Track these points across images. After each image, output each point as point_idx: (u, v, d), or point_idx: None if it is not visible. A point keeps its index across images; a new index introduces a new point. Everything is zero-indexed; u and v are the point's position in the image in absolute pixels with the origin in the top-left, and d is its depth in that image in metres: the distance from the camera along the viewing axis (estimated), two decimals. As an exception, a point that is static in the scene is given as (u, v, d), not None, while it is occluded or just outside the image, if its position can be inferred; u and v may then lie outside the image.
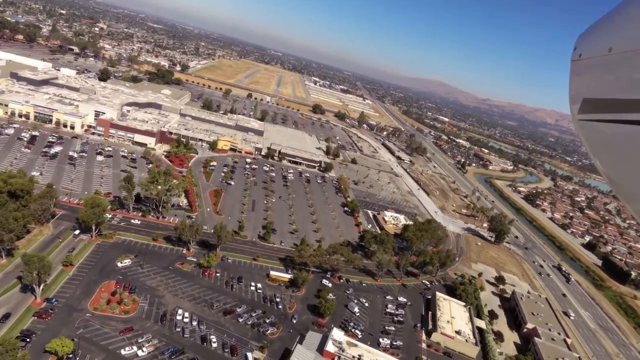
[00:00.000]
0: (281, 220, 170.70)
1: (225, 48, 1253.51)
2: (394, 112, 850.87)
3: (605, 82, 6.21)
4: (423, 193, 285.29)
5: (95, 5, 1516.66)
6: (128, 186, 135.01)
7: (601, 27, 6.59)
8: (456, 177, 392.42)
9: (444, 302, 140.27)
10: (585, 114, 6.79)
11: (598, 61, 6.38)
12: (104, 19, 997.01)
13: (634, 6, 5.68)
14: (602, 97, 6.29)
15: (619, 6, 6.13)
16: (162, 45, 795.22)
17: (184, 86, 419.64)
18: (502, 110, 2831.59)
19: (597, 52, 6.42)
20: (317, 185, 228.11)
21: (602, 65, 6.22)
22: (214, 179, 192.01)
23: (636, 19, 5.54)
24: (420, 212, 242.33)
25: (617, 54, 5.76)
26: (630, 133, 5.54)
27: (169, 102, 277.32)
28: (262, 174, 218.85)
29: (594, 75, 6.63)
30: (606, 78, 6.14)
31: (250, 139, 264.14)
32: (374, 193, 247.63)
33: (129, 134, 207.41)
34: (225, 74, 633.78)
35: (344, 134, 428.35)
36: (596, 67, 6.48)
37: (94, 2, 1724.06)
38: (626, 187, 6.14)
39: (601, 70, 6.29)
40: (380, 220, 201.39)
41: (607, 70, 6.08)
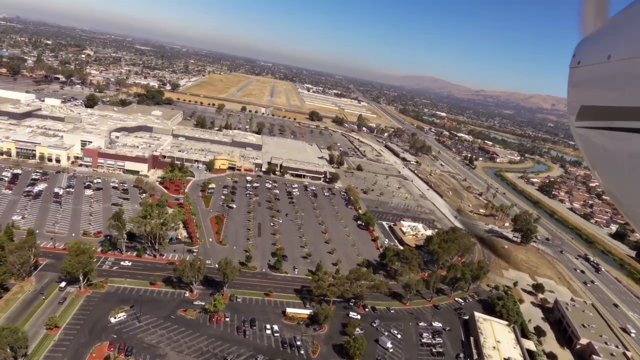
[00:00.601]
0: (291, 243, 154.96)
1: (214, 63, 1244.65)
2: (391, 112, 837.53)
3: (603, 90, 6.11)
4: (436, 195, 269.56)
5: (81, 33, 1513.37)
6: (118, 224, 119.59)
7: (600, 35, 6.50)
8: (466, 174, 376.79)
9: (485, 324, 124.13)
10: (583, 121, 6.64)
11: (597, 69, 6.28)
12: (90, 46, 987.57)
13: (632, 15, 5.61)
14: (600, 105, 6.14)
15: (618, 14, 6.00)
16: (151, 66, 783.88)
17: (175, 105, 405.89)
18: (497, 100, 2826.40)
19: (595, 59, 6.31)
20: (324, 199, 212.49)
21: (601, 73, 6.12)
22: (214, 203, 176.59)
23: (635, 27, 5.46)
24: (437, 217, 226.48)
25: (615, 61, 5.69)
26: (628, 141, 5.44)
27: (160, 124, 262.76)
28: (265, 192, 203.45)
29: (592, 82, 6.50)
30: (604, 85, 6.05)
31: (249, 154, 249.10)
32: (386, 201, 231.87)
33: (119, 162, 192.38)
34: (216, 89, 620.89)
35: (345, 139, 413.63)
36: (595, 74, 6.37)
37: (80, 30, 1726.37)
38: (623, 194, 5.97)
39: (599, 77, 6.19)
40: (397, 231, 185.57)
41: (605, 78, 5.99)
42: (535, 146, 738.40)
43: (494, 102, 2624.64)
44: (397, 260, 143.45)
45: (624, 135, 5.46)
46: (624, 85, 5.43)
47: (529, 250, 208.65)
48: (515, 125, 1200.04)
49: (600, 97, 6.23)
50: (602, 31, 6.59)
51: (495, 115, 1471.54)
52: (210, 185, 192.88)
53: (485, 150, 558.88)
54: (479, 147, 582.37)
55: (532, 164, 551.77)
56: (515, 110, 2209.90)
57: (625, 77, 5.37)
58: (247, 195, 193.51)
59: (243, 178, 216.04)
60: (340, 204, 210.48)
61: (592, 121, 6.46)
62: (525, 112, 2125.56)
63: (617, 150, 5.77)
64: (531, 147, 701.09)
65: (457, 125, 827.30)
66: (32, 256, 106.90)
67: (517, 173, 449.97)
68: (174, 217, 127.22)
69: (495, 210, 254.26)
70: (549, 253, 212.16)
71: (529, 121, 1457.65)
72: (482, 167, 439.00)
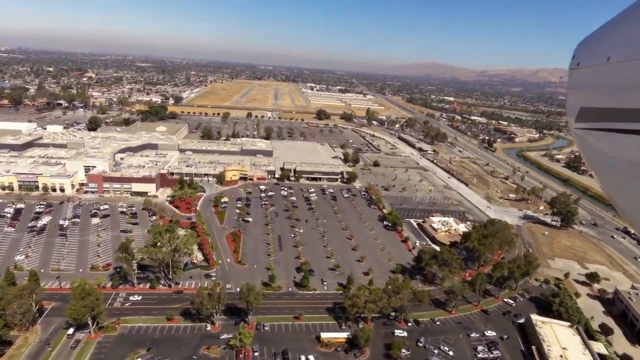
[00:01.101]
0: (316, 255, 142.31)
1: (216, 72, 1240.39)
2: (399, 102, 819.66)
3: (602, 92, 6.14)
4: (460, 184, 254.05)
5: (82, 57, 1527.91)
6: (126, 256, 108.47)
7: (600, 37, 6.43)
8: (487, 158, 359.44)
9: (545, 328, 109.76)
10: (583, 122, 6.67)
11: (596, 70, 6.27)
12: (92, 68, 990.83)
13: (632, 16, 5.61)
14: (600, 107, 6.17)
15: (617, 16, 6.00)
16: (153, 82, 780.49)
17: (180, 119, 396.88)
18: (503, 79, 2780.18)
19: (595, 61, 6.29)
20: (345, 201, 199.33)
21: (600, 75, 6.12)
22: (229, 218, 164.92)
23: (635, 29, 5.47)
24: (466, 207, 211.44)
25: (615, 63, 5.70)
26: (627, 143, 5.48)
27: (165, 140, 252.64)
28: (281, 200, 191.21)
29: (591, 84, 6.52)
30: (604, 87, 6.06)
31: (260, 162, 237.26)
32: (409, 196, 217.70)
33: (126, 185, 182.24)
34: (220, 98, 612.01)
35: (356, 135, 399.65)
36: (594, 76, 6.38)
37: (81, 54, 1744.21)
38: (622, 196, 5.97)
39: (599, 79, 6.19)
40: (428, 229, 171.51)
41: (605, 80, 6.01)
42: (551, 121, 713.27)
43: (499, 82, 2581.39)
44: (435, 263, 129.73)
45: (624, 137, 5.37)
46: (623, 87, 5.32)
47: (571, 235, 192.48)
48: (526, 102, 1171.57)
49: (599, 99, 6.12)
50: (602, 33, 6.32)
51: (503, 94, 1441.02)
52: (223, 199, 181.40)
53: (502, 131, 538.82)
54: (494, 129, 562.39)
55: (553, 140, 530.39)
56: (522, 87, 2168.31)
57: (625, 79, 5.25)
58: (263, 205, 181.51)
59: (256, 188, 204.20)
60: (362, 204, 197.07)
61: (591, 123, 6.33)
62: (533, 88, 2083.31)
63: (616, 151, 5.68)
64: (548, 123, 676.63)
65: (467, 109, 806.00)
66: (35, 303, 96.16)
67: (539, 151, 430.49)
68: (186, 242, 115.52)
69: (527, 194, 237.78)
70: (594, 235, 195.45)
71: (539, 96, 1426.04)
72: (501, 149, 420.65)
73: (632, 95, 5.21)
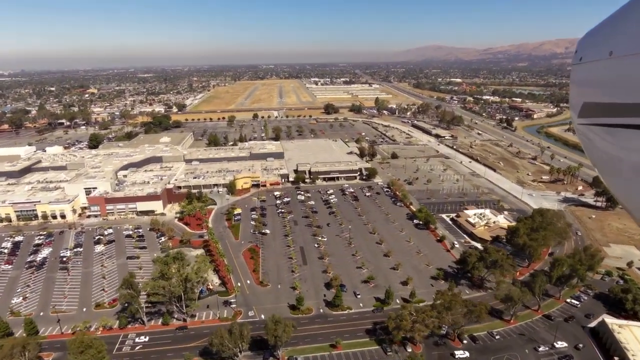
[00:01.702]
0: (345, 266, 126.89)
1: (218, 76, 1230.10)
2: (406, 89, 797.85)
3: (605, 86, 6.10)
4: (488, 170, 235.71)
5: (85, 74, 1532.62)
6: (131, 293, 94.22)
7: (602, 31, 6.42)
8: (509, 138, 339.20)
9: (625, 332, 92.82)
10: (585, 118, 6.63)
11: (599, 65, 6.24)
12: (94, 84, 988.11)
13: (634, 10, 5.61)
14: (603, 102, 6.12)
15: (619, 10, 6.00)
16: (155, 92, 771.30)
17: (184, 127, 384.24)
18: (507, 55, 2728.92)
19: (597, 56, 6.25)
20: (367, 201, 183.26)
21: (603, 69, 6.09)
22: (244, 232, 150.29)
23: (637, 23, 5.47)
24: (499, 195, 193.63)
25: (617, 57, 5.69)
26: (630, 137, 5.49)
27: (170, 151, 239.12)
28: (299, 206, 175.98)
29: (594, 79, 6.49)
30: (606, 82, 6.03)
31: (272, 165, 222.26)
32: (436, 189, 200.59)
33: (130, 205, 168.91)
34: (224, 101, 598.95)
35: (368, 127, 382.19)
36: (597, 71, 6.34)
37: (83, 71, 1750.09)
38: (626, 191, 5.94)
39: (602, 74, 6.15)
40: (464, 224, 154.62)
41: (607, 74, 5.98)
42: (567, 93, 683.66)
43: (504, 58, 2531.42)
44: (483, 265, 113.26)
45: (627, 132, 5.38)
46: (626, 81, 5.30)
47: (621, 216, 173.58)
48: (535, 76, 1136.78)
49: (602, 94, 6.07)
50: (604, 27, 6.26)
51: (510, 70, 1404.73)
52: (236, 210, 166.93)
53: (518, 109, 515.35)
54: (509, 107, 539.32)
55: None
56: (528, 61, 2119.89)
57: (628, 73, 5.22)
58: (280, 214, 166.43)
59: (270, 194, 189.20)
60: (387, 202, 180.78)
61: (594, 118, 6.29)
62: (540, 61, 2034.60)
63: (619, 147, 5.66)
64: (564, 96, 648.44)
65: (477, 89, 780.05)
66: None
67: (561, 126, 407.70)
68: (198, 270, 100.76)
69: (563, 174, 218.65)
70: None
71: (547, 69, 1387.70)
72: (521, 127, 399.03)
73: (635, 90, 5.00)
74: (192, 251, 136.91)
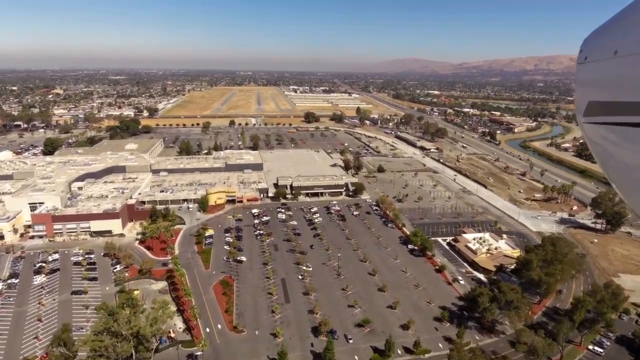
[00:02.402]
0: (335, 303, 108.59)
1: (194, 81, 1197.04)
2: (385, 99, 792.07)
3: (610, 85, 6.08)
4: (479, 186, 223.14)
5: (53, 74, 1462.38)
6: (65, 354, 72.81)
7: (607, 31, 6.41)
8: (494, 152, 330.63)
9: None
10: (591, 116, 6.63)
11: (604, 64, 6.24)
12: (61, 84, 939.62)
13: (638, 10, 5.60)
14: (608, 100, 6.11)
15: (624, 10, 5.98)
16: (126, 95, 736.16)
17: (155, 133, 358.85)
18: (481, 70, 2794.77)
19: (602, 55, 6.25)
20: (355, 221, 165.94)
21: (608, 68, 6.09)
22: (216, 259, 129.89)
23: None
24: (494, 215, 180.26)
25: (622, 57, 5.67)
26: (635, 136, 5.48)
27: (136, 160, 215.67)
28: (280, 226, 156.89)
29: (599, 78, 6.48)
30: (611, 81, 6.03)
31: (249, 178, 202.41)
32: (428, 207, 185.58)
33: (83, 224, 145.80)
34: (199, 107, 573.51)
35: (350, 137, 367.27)
36: (602, 70, 6.33)
37: (51, 71, 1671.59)
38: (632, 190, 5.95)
39: (607, 73, 6.15)
40: (463, 250, 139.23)
41: (612, 73, 5.97)
42: (543, 108, 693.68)
43: (478, 73, 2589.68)
44: (496, 307, 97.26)
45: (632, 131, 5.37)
46: (631, 80, 5.30)
47: (623, 240, 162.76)
48: (509, 91, 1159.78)
49: (607, 93, 6.06)
50: (609, 27, 6.27)
51: (484, 84, 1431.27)
52: (208, 232, 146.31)
53: (498, 122, 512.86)
54: (489, 120, 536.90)
55: (550, 128, 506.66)
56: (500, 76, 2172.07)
57: (632, 72, 5.23)
58: (258, 236, 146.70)
59: (248, 212, 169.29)
60: (377, 223, 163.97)
61: (599, 117, 6.28)
62: (511, 77, 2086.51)
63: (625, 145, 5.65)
64: (540, 110, 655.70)
65: (455, 101, 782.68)
66: None
67: (542, 140, 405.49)
68: (155, 322, 79.88)
69: (557, 193, 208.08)
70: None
71: (519, 85, 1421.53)
72: (504, 141, 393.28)
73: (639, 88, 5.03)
74: (153, 284, 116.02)
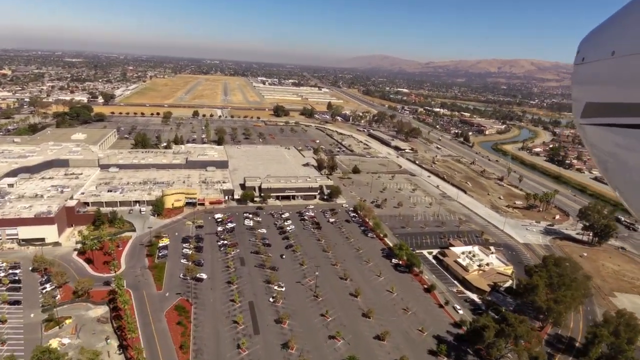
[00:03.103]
0: (313, 333, 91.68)
1: (157, 67, 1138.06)
2: (356, 95, 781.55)
3: (608, 86, 6.10)
4: (459, 191, 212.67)
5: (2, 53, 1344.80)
6: None
7: (604, 32, 6.45)
8: (467, 154, 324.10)
9: None
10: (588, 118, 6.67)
11: (601, 65, 6.26)
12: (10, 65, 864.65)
13: (636, 10, 5.62)
14: (605, 102, 6.15)
15: (621, 10, 6.01)
16: (81, 79, 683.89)
17: (109, 121, 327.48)
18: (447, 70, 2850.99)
19: (600, 56, 6.28)
20: (332, 230, 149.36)
21: (605, 69, 6.11)
22: (171, 276, 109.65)
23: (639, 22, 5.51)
24: (478, 224, 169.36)
25: (619, 57, 5.70)
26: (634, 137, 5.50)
27: (82, 153, 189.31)
28: (247, 235, 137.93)
29: (596, 79, 6.48)
30: (609, 82, 6.04)
31: (213, 177, 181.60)
32: (409, 214, 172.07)
33: (9, 230, 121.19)
34: (161, 95, 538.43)
35: (321, 134, 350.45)
36: (599, 71, 6.36)
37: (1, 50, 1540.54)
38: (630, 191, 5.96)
39: (604, 74, 6.17)
40: (452, 266, 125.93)
41: (610, 74, 6.00)
42: (510, 111, 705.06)
43: (444, 73, 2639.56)
44: (503, 342, 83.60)
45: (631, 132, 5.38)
46: (629, 81, 5.30)
47: (611, 254, 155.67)
48: (475, 92, 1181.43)
49: (605, 94, 6.05)
50: (606, 27, 6.28)
51: (450, 85, 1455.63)
52: (162, 241, 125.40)
53: (469, 123, 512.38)
54: (460, 121, 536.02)
55: (518, 131, 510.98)
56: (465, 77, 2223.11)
57: (630, 73, 5.23)
58: (222, 247, 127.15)
59: (210, 217, 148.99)
60: (356, 232, 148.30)
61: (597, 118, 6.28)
62: (476, 78, 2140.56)
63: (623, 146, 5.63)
64: (507, 113, 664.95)
65: (425, 100, 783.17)
66: None
67: (513, 144, 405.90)
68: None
69: (539, 201, 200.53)
70: (634, 251, 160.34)
71: (484, 87, 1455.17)
72: (477, 143, 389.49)
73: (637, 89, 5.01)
74: (91, 309, 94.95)
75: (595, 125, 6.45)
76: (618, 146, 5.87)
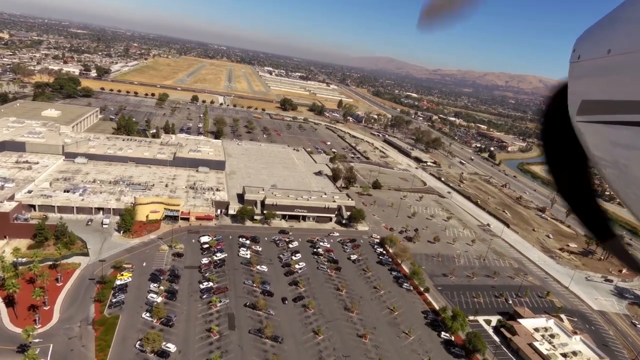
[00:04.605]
0: None
1: (162, 47, 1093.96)
2: (366, 95, 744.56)
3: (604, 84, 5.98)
4: (499, 224, 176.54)
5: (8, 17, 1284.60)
6: None
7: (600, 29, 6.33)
8: (494, 173, 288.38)
9: None
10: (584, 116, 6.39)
11: (597, 63, 6.14)
12: (12, 29, 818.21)
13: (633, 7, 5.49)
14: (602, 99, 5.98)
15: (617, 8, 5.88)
16: (80, 50, 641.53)
17: (96, 98, 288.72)
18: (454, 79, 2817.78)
19: (596, 54, 6.17)
20: (355, 273, 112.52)
21: (601, 67, 6.01)
22: (122, 344, 72.60)
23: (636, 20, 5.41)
24: (536, 276, 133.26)
25: (616, 55, 5.63)
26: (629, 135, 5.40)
27: (45, 135, 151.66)
28: (241, 272, 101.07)
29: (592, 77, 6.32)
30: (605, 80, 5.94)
31: (204, 182, 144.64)
32: (449, 254, 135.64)
33: None
34: (161, 75, 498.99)
35: (333, 134, 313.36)
36: (595, 68, 6.21)
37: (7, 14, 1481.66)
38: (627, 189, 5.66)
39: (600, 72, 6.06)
40: (525, 351, 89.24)
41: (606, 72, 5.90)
42: (527, 127, 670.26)
43: (452, 81, 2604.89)
44: None
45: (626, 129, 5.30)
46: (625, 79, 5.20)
47: None
48: (484, 103, 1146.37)
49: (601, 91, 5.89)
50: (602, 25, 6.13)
51: (457, 94, 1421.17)
52: (121, 277, 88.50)
53: (488, 137, 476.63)
54: (478, 133, 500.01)
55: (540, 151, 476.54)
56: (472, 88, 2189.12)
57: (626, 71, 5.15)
58: (204, 295, 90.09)
59: (194, 240, 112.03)
60: (385, 278, 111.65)
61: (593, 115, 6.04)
62: (483, 89, 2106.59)
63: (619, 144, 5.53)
64: (525, 130, 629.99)
65: (436, 107, 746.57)
66: None
67: (540, 165, 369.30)
68: None
69: (596, 245, 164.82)
70: None
71: (492, 99, 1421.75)
72: (501, 160, 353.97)
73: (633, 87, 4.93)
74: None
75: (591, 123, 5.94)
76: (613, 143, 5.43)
